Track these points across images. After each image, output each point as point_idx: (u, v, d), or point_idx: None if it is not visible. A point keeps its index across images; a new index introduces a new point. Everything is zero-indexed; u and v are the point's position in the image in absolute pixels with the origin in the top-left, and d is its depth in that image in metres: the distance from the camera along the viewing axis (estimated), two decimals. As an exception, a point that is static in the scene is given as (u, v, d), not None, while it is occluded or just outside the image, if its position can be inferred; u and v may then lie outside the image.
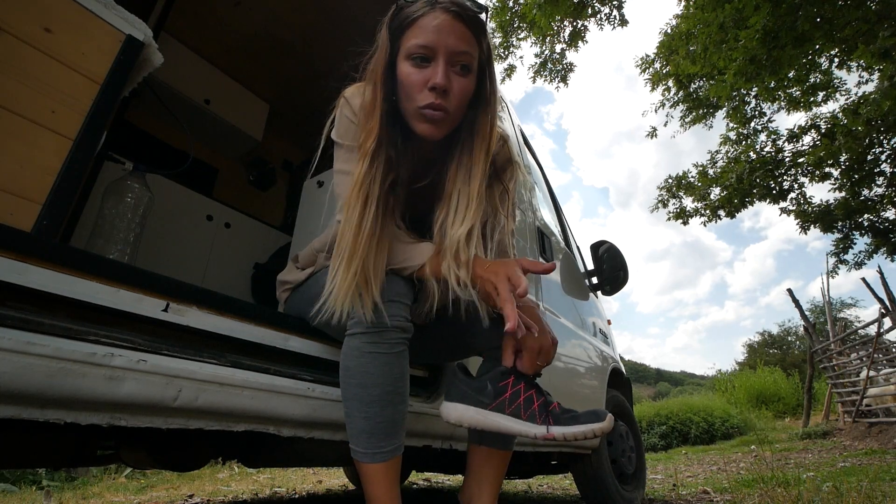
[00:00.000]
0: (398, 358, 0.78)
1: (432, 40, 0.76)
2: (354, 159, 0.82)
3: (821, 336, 8.52)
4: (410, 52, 0.78)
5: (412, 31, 0.78)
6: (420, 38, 0.76)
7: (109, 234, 1.43)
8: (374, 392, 0.76)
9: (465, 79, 0.80)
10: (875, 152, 7.02)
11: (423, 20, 0.77)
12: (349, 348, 0.78)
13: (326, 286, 0.79)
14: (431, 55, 0.77)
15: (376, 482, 0.76)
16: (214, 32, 2.27)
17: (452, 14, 0.76)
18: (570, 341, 1.92)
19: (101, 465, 3.30)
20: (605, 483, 1.91)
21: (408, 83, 0.78)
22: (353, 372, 0.77)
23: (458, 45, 0.77)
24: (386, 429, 0.76)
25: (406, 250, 0.83)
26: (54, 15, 0.75)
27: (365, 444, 0.76)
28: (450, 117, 0.81)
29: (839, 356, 7.33)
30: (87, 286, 0.61)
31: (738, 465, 4.18)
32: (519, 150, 1.96)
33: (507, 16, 6.36)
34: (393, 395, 0.77)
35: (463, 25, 0.77)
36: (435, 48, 0.76)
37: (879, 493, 1.83)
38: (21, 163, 0.69)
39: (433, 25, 0.76)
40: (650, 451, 8.04)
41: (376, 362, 0.76)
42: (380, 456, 0.76)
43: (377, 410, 0.76)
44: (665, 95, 7.75)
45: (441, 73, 0.76)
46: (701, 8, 5.30)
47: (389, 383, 0.77)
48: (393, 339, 0.78)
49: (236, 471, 3.95)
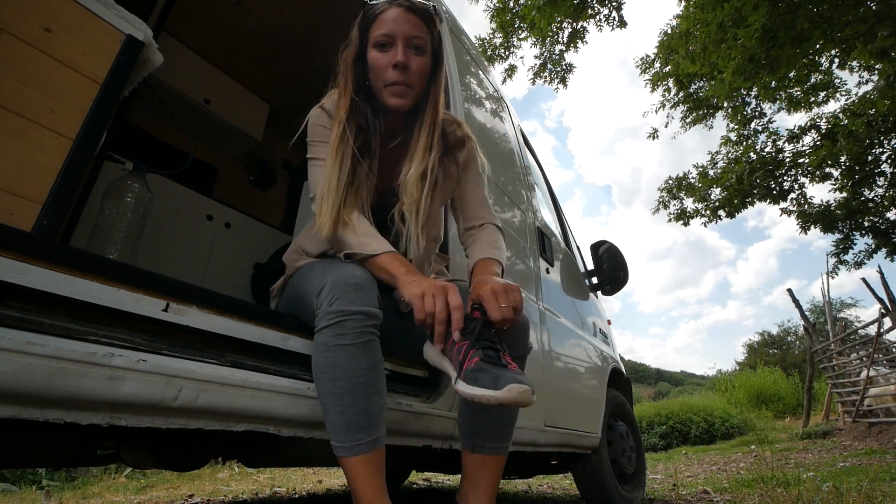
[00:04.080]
0: (365, 348, 0.79)
1: (391, 29, 0.94)
2: (325, 152, 0.97)
3: (821, 336, 8.52)
4: (376, 41, 0.96)
5: (375, 25, 0.96)
6: (382, 29, 0.95)
7: (109, 234, 1.43)
8: (345, 385, 0.76)
9: (421, 58, 0.97)
10: (875, 153, 7.02)
11: (383, 15, 0.95)
12: (317, 345, 0.80)
13: (316, 220, 0.92)
14: (392, 41, 0.95)
15: (359, 476, 0.76)
16: (214, 32, 2.27)
17: (405, 8, 0.95)
18: (570, 341, 1.92)
19: (101, 465, 3.30)
20: (605, 483, 1.91)
21: (376, 65, 0.96)
22: (322, 367, 0.78)
23: (412, 31, 0.95)
24: (362, 421, 0.76)
25: (362, 239, 0.92)
26: (54, 15, 0.75)
27: (342, 437, 0.76)
28: (412, 90, 0.97)
29: (839, 356, 7.33)
30: (87, 286, 0.61)
31: (738, 465, 4.18)
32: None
33: (508, 16, 6.36)
34: (364, 385, 0.77)
35: (414, 16, 0.95)
36: (394, 35, 0.94)
37: (879, 493, 1.83)
38: (21, 163, 0.69)
39: (391, 18, 0.94)
40: (650, 451, 8.04)
41: (343, 354, 0.77)
42: (358, 448, 0.76)
43: (350, 403, 0.76)
44: (665, 96, 7.75)
45: (401, 52, 0.94)
46: (700, 7, 5.30)
47: (358, 374, 0.77)
48: (358, 328, 0.78)
49: (236, 471, 3.95)
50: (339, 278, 0.81)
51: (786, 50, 4.53)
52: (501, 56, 6.79)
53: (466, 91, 1.63)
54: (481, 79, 1.91)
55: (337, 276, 0.81)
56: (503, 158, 1.82)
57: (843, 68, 6.45)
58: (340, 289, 0.79)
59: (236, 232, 2.25)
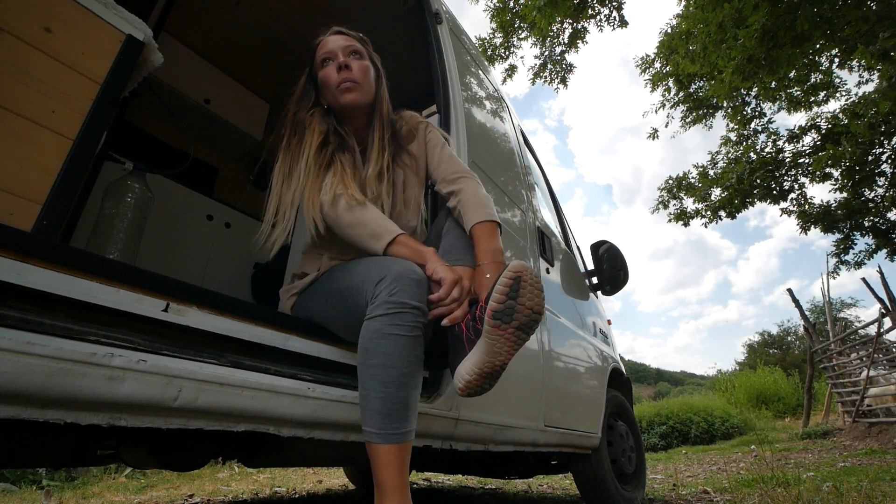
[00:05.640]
0: (416, 342, 0.83)
1: (330, 48, 1.13)
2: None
3: (821, 336, 8.52)
4: (321, 61, 1.14)
5: (319, 50, 1.15)
6: (323, 50, 1.13)
7: (109, 234, 1.43)
8: (392, 373, 0.79)
9: (360, 61, 1.13)
10: (875, 153, 7.02)
11: (323, 41, 1.15)
12: (368, 331, 0.82)
13: (328, 200, 1.00)
14: (332, 55, 1.12)
15: (387, 465, 0.77)
16: (214, 32, 2.27)
17: (337, 33, 1.16)
18: (570, 341, 1.92)
19: (101, 465, 3.30)
20: (605, 483, 1.91)
21: (325, 77, 1.12)
22: (373, 353, 0.80)
23: (346, 42, 1.14)
24: (400, 411, 0.79)
25: (382, 221, 0.99)
26: (54, 15, 0.75)
27: (379, 424, 0.77)
28: (360, 86, 1.10)
29: (839, 356, 7.33)
30: (87, 286, 0.61)
31: (738, 465, 4.18)
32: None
33: (508, 16, 6.36)
34: (408, 377, 0.80)
35: (346, 36, 1.16)
36: (333, 50, 1.12)
37: (879, 493, 1.83)
38: (21, 163, 0.69)
39: (330, 40, 1.14)
40: (650, 451, 8.04)
41: (396, 344, 0.80)
42: (392, 437, 0.77)
43: (393, 391, 0.79)
44: (665, 96, 7.75)
45: (341, 57, 1.11)
46: (701, 7, 5.30)
47: (406, 365, 0.80)
48: (413, 321, 0.82)
49: (236, 471, 3.95)
50: (403, 272, 0.85)
51: (786, 50, 4.53)
52: (501, 56, 6.79)
53: (466, 91, 1.63)
54: (481, 79, 1.91)
55: (400, 269, 0.86)
56: (503, 158, 1.82)
57: (843, 68, 6.45)
58: (404, 282, 0.84)
59: (236, 232, 2.25)
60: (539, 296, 0.83)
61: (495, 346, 0.83)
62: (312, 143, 1.07)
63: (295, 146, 1.10)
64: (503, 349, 0.83)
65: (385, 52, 1.26)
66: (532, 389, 1.53)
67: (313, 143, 1.07)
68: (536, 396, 1.54)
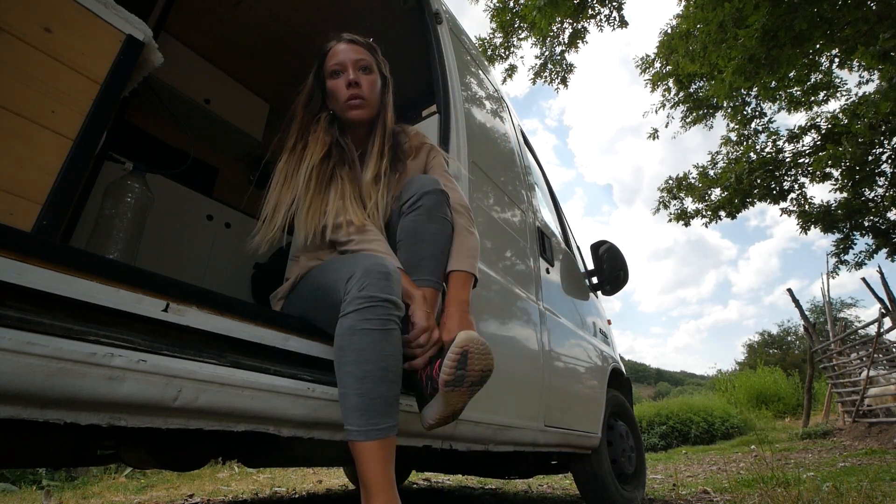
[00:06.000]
0: (389, 335, 0.82)
1: (341, 60, 1.14)
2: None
3: (821, 336, 8.52)
4: (330, 71, 1.16)
5: (328, 60, 1.16)
6: (333, 60, 1.15)
7: (109, 234, 1.42)
8: (368, 368, 0.79)
9: (369, 76, 1.15)
10: (876, 153, 7.02)
11: (333, 50, 1.17)
12: (342, 328, 0.82)
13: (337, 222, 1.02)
14: (343, 68, 1.14)
15: (371, 461, 0.76)
16: (214, 32, 2.27)
17: (348, 41, 1.17)
18: (570, 341, 1.92)
19: (101, 465, 3.30)
20: (605, 483, 1.91)
21: (334, 89, 1.15)
22: (347, 350, 0.80)
23: (357, 55, 1.15)
24: (380, 406, 0.78)
25: (381, 250, 1.00)
26: (54, 15, 0.75)
27: (359, 421, 0.77)
28: (367, 102, 1.14)
29: (839, 356, 7.33)
30: (86, 286, 0.61)
31: (738, 465, 4.18)
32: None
33: (508, 16, 6.35)
34: (385, 371, 0.80)
35: (357, 46, 1.16)
36: (344, 62, 1.14)
37: (879, 493, 1.84)
38: (21, 163, 0.69)
39: (340, 50, 1.15)
40: (650, 451, 8.04)
41: (369, 338, 0.80)
42: (373, 433, 0.76)
43: (371, 386, 0.78)
44: (665, 96, 7.75)
45: (352, 72, 1.13)
46: (701, 7, 5.30)
47: (382, 359, 0.80)
48: (384, 315, 0.82)
49: (236, 471, 3.95)
50: (371, 267, 0.85)
51: (786, 50, 4.53)
52: (501, 56, 6.79)
53: (466, 91, 1.63)
54: (481, 78, 1.91)
55: (368, 264, 0.86)
56: (503, 158, 1.82)
57: (843, 67, 6.45)
58: (372, 276, 0.84)
59: (236, 232, 2.25)
60: (487, 358, 0.87)
61: (451, 401, 0.88)
62: (316, 153, 1.09)
63: (300, 151, 1.12)
64: (460, 400, 0.89)
65: (385, 52, 1.26)
66: (532, 389, 1.53)
67: (316, 155, 1.09)
68: (536, 396, 1.54)
